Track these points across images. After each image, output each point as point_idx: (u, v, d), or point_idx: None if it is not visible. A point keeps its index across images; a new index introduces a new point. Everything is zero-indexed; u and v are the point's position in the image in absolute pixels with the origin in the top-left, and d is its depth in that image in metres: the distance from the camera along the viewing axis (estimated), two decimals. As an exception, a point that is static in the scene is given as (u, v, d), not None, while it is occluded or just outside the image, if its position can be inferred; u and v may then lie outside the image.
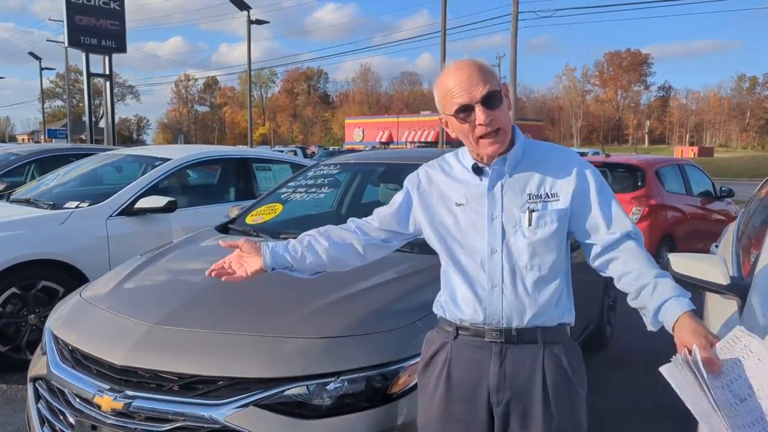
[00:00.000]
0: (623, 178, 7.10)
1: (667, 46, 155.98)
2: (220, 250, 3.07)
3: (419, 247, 2.74)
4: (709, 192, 8.03)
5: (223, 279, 1.72)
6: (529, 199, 1.58)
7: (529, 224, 1.56)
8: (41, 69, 47.46)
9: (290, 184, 3.70)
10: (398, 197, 1.78)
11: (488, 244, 1.59)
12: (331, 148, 49.49)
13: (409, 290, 2.34)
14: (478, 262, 1.60)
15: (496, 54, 51.72)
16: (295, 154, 25.32)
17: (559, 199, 1.59)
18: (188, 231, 4.48)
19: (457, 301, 1.65)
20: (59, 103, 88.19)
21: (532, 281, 1.57)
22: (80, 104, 62.98)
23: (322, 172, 3.69)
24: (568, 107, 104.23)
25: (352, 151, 39.17)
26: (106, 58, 19.38)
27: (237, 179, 5.35)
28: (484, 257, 1.59)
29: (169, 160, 4.90)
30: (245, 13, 26.52)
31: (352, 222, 1.82)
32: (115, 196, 4.46)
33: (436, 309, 1.75)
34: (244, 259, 1.75)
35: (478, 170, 1.62)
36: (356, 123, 69.11)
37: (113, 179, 5.43)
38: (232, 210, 3.69)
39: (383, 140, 61.49)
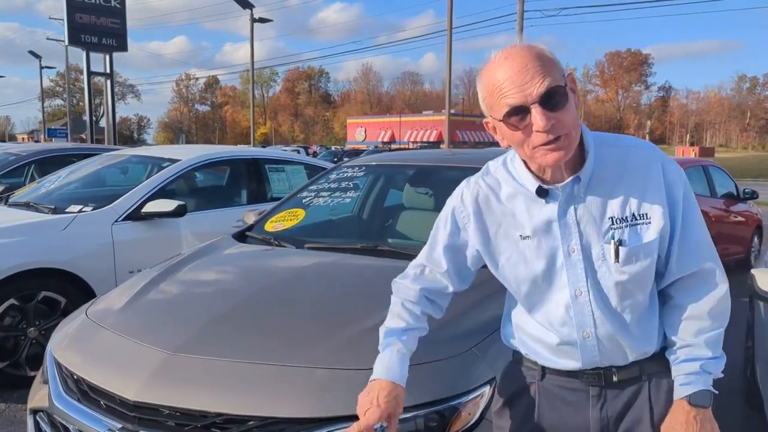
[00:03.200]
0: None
1: (668, 47, 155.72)
2: (240, 262, 2.83)
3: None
4: (732, 194, 7.80)
5: None
6: (612, 224, 1.26)
7: (616, 259, 1.25)
8: (41, 68, 47.19)
9: (312, 187, 3.41)
10: (441, 235, 1.46)
11: (571, 285, 1.29)
12: (333, 148, 49.27)
13: (459, 310, 2.06)
14: (563, 308, 1.31)
15: (499, 53, 51.57)
16: (298, 153, 25.03)
17: (650, 223, 1.26)
18: (199, 236, 4.24)
19: (541, 347, 1.38)
20: (59, 102, 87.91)
21: (629, 323, 1.30)
22: (80, 103, 62.77)
23: (346, 174, 3.41)
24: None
25: (355, 150, 38.97)
26: (107, 56, 19.20)
27: (249, 181, 5.07)
28: (567, 302, 1.30)
29: (178, 161, 4.62)
30: (249, 12, 26.31)
31: (422, 292, 1.51)
32: (120, 199, 4.18)
33: (511, 342, 1.48)
34: (384, 408, 1.35)
35: (542, 192, 1.28)
36: (358, 123, 68.79)
37: (118, 181, 5.17)
38: (248, 215, 3.40)
39: (385, 140, 61.17)
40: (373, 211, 3.51)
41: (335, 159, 27.31)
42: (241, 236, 3.06)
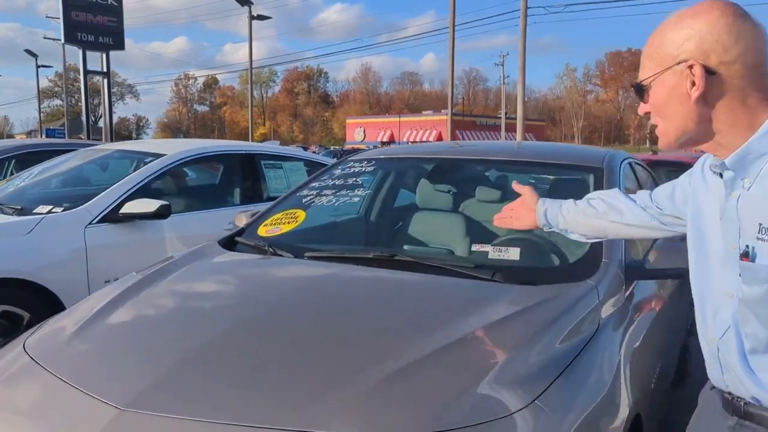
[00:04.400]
0: (676, 176, 6.38)
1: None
2: (225, 276, 2.34)
3: (504, 273, 1.97)
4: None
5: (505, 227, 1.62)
6: (759, 231, 1.05)
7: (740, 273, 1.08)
8: (37, 67, 46.75)
9: (313, 184, 2.90)
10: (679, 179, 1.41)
11: (724, 283, 1.11)
12: (332, 148, 48.81)
13: (511, 346, 1.56)
14: (712, 305, 1.16)
15: (500, 53, 51.33)
16: (298, 153, 24.54)
17: None
18: (185, 241, 3.75)
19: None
20: (58, 102, 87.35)
21: (747, 351, 1.10)
22: (79, 103, 62.40)
23: (353, 169, 2.90)
24: (569, 107, 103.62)
25: (354, 150, 38.46)
26: (104, 55, 18.82)
27: (242, 179, 4.55)
28: (717, 301, 1.14)
29: (163, 155, 4.12)
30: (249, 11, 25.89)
31: (639, 198, 1.51)
32: (95, 199, 3.68)
33: None
34: (521, 211, 1.65)
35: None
36: (357, 123, 68.29)
37: (97, 179, 4.65)
38: (239, 217, 2.90)
39: (384, 140, 60.66)
40: (384, 213, 3.01)
41: (334, 159, 26.93)
42: (230, 242, 2.54)
